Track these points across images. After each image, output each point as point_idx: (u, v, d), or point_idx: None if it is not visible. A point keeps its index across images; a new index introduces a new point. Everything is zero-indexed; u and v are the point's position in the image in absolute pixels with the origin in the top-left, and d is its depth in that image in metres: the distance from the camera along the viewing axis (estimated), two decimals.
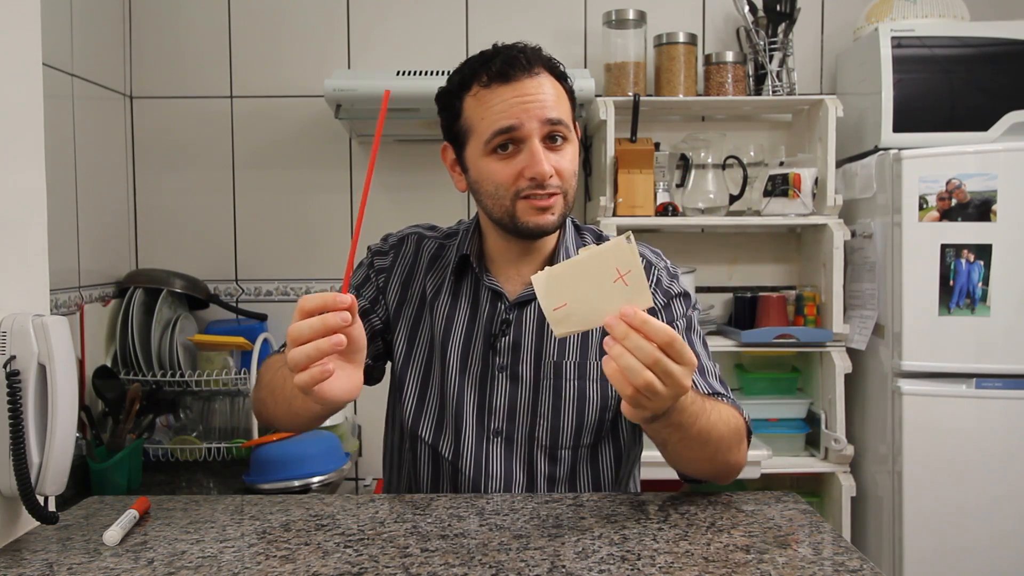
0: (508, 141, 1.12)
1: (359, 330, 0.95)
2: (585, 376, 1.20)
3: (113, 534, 0.94)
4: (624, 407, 0.90)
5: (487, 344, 1.21)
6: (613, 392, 1.21)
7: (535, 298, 1.19)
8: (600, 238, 1.30)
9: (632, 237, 0.86)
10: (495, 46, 1.17)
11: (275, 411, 1.16)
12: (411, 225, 1.35)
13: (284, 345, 1.19)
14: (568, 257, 1.21)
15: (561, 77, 1.18)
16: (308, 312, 0.90)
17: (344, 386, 0.94)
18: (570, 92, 1.19)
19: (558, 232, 1.24)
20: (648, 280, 1.12)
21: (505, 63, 1.12)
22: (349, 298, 0.90)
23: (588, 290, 0.87)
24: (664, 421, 0.94)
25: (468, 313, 1.23)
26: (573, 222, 1.31)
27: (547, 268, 0.89)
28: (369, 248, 1.33)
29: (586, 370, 1.21)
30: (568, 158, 1.15)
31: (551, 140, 1.13)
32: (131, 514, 1.00)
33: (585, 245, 1.25)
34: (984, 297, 1.93)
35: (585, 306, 0.88)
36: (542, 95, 1.12)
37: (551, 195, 1.13)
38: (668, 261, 1.29)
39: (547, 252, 1.24)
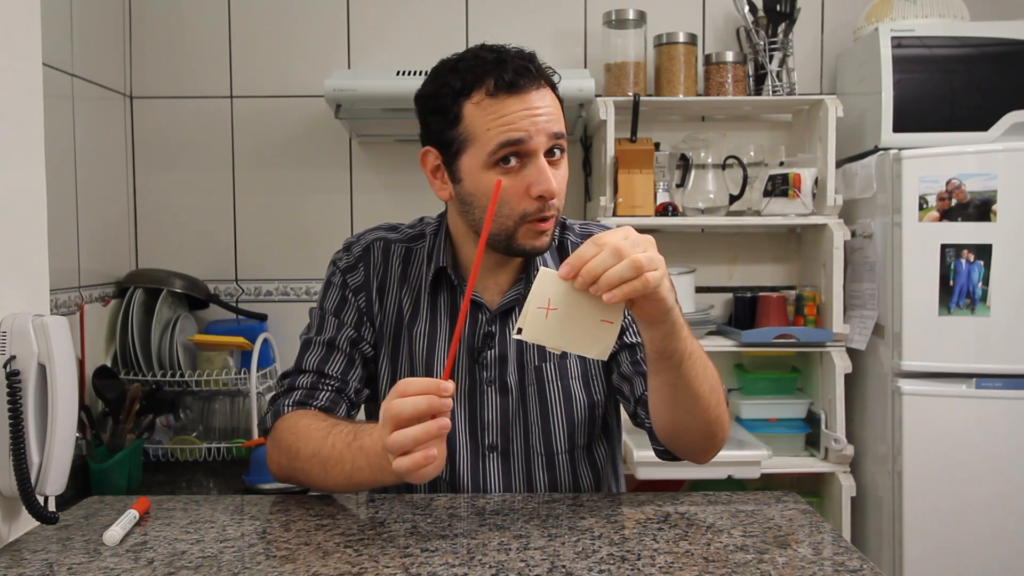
0: (513, 154, 1.08)
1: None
2: (567, 375, 1.19)
3: (113, 534, 0.94)
4: (644, 308, 0.91)
5: (472, 359, 1.19)
6: (597, 388, 1.21)
7: (516, 306, 1.19)
8: (564, 228, 1.26)
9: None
10: (484, 46, 1.12)
11: (325, 482, 1.08)
12: (371, 228, 1.28)
13: (295, 400, 1.16)
14: (541, 259, 1.20)
15: (555, 88, 1.16)
16: (409, 395, 0.89)
17: (439, 466, 0.92)
18: (561, 101, 1.17)
19: None
20: None
21: (516, 73, 1.07)
22: (451, 385, 0.89)
23: (578, 302, 0.90)
24: (674, 335, 0.95)
25: (449, 329, 1.20)
26: None
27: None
28: (335, 263, 1.25)
29: (567, 370, 1.20)
30: (562, 174, 1.12)
31: (550, 153, 1.10)
32: (131, 514, 1.00)
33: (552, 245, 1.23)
34: (984, 297, 1.93)
35: (567, 313, 0.90)
36: (547, 108, 1.09)
37: (550, 217, 1.11)
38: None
39: (521, 259, 1.20)
